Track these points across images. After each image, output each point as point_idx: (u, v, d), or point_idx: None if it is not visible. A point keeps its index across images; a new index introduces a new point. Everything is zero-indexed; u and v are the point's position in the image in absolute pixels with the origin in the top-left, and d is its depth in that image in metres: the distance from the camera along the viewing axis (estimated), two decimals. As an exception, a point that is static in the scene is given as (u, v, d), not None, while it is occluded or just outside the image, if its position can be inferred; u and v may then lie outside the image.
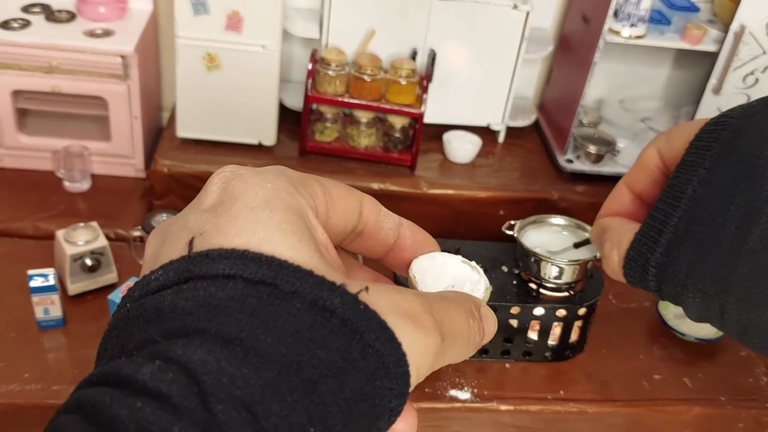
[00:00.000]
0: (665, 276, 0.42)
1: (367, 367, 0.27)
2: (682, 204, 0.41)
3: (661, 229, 0.42)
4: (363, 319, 0.27)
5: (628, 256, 0.44)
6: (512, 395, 1.27)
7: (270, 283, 0.27)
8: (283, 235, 0.28)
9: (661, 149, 0.46)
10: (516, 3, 1.67)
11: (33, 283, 1.22)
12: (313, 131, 1.74)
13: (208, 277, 0.27)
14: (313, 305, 0.27)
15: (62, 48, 1.57)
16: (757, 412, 1.31)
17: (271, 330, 0.26)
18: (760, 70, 1.65)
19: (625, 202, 0.50)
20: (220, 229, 0.28)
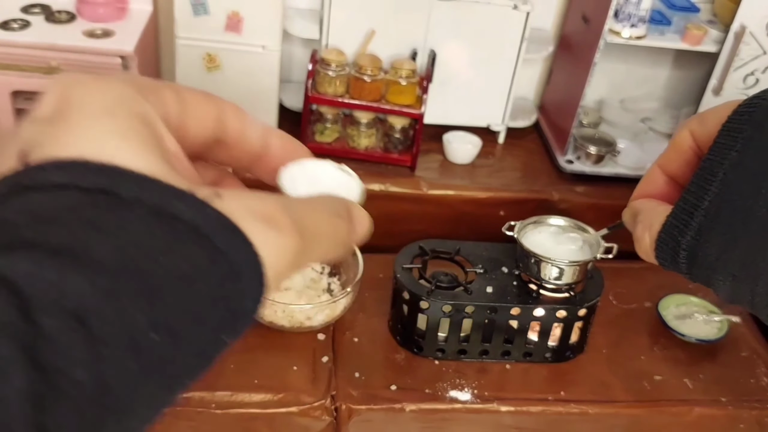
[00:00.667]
0: (696, 259, 0.42)
1: (218, 272, 0.26)
2: (713, 187, 0.41)
3: (692, 211, 0.42)
4: (212, 223, 0.26)
5: (660, 239, 0.45)
6: (513, 396, 1.27)
7: (109, 191, 0.25)
8: (126, 142, 0.27)
9: (694, 130, 0.47)
10: (516, 3, 1.67)
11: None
12: (313, 132, 1.74)
13: (40, 188, 0.25)
14: (157, 212, 0.26)
15: (62, 48, 1.57)
16: (758, 413, 1.31)
17: (108, 238, 0.24)
18: (760, 70, 1.65)
19: (658, 184, 0.51)
20: (57, 139, 0.26)
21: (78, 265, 0.24)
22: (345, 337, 1.33)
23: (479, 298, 1.25)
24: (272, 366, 1.25)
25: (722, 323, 1.43)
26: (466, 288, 1.27)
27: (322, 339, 1.32)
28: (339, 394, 1.23)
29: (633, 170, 1.77)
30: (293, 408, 1.21)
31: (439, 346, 1.30)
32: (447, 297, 1.25)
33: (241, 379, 1.22)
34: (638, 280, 1.55)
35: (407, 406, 1.23)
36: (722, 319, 1.43)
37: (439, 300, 1.24)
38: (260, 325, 1.31)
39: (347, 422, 1.22)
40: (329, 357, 1.29)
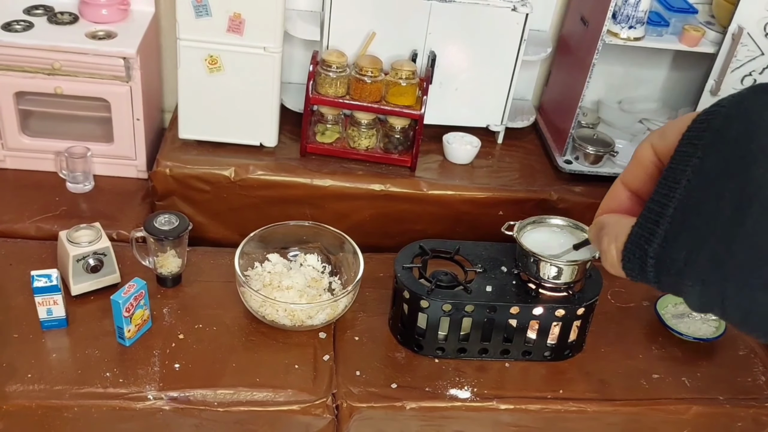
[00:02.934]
0: (664, 266, 0.42)
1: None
2: (677, 194, 0.42)
3: (657, 220, 0.42)
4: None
5: (626, 249, 0.44)
6: (512, 394, 1.28)
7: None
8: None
9: (655, 144, 0.47)
10: (515, 5, 1.68)
11: (36, 284, 1.22)
12: (314, 132, 1.75)
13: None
14: None
15: (65, 50, 1.58)
16: (755, 411, 1.32)
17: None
18: (758, 71, 1.67)
19: (622, 200, 0.51)
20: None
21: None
22: (346, 336, 1.34)
23: (479, 297, 1.27)
24: (274, 364, 1.27)
25: (719, 322, 1.44)
26: (465, 287, 1.28)
27: (323, 338, 1.33)
28: (340, 392, 1.24)
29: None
30: (295, 406, 1.22)
31: (439, 344, 1.31)
32: (447, 296, 1.26)
33: (243, 378, 1.23)
34: (636, 280, 1.55)
35: (407, 404, 1.24)
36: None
37: (439, 299, 1.25)
38: (262, 324, 1.32)
39: (348, 420, 1.23)
40: (330, 355, 1.30)
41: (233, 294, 1.36)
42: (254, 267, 1.40)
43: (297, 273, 1.38)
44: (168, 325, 1.31)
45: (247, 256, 1.38)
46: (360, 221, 1.71)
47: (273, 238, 1.43)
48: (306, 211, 1.69)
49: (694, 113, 0.43)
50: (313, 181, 1.67)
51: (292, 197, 1.68)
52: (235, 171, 1.66)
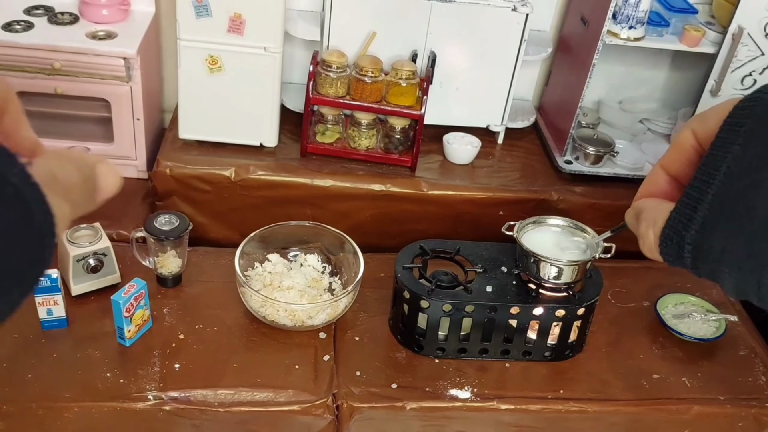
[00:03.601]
0: (701, 252, 0.42)
1: (32, 234, 0.31)
2: (716, 181, 0.41)
3: (695, 206, 0.42)
4: (32, 193, 0.31)
5: (664, 234, 0.45)
6: (512, 394, 1.28)
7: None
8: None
9: (696, 129, 0.47)
10: (515, 5, 1.68)
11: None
12: (314, 132, 1.75)
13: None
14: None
15: (65, 50, 1.58)
16: (756, 411, 1.32)
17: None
18: (758, 71, 1.67)
19: (661, 184, 0.51)
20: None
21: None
22: (346, 336, 1.34)
23: (479, 297, 1.27)
24: (274, 365, 1.27)
25: (720, 322, 1.44)
26: (466, 287, 1.28)
27: (323, 338, 1.33)
28: (340, 392, 1.24)
29: (631, 170, 1.78)
30: (295, 406, 1.22)
31: (439, 344, 1.31)
32: (447, 296, 1.26)
33: (243, 378, 1.23)
34: (637, 280, 1.56)
35: (408, 404, 1.24)
36: (720, 318, 1.44)
37: (439, 299, 1.25)
38: (262, 324, 1.32)
39: (349, 420, 1.23)
40: (331, 356, 1.30)
41: (234, 294, 1.36)
42: (254, 267, 1.40)
43: (297, 273, 1.38)
44: (168, 325, 1.31)
45: (247, 256, 1.38)
46: (360, 221, 1.71)
47: (273, 239, 1.43)
48: (306, 211, 1.69)
49: (734, 99, 0.43)
50: (313, 181, 1.67)
51: (293, 197, 1.68)
52: (235, 171, 1.66)
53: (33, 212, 0.31)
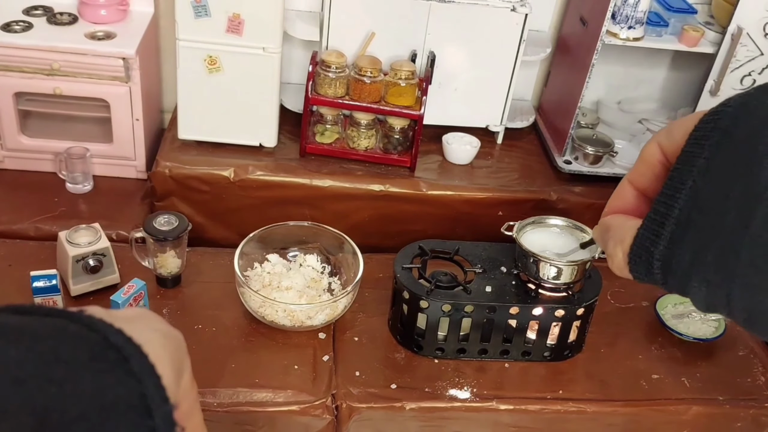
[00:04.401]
0: (670, 267, 0.42)
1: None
2: (683, 195, 0.41)
3: (663, 221, 0.42)
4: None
5: (633, 251, 0.44)
6: (511, 395, 1.28)
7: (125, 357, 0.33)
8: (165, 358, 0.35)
9: (662, 143, 0.47)
10: (514, 5, 1.68)
11: (36, 285, 1.22)
12: (313, 133, 1.75)
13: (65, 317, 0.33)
14: (141, 398, 0.32)
15: (64, 50, 1.58)
16: (755, 412, 1.32)
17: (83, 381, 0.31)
18: (757, 71, 1.67)
19: (628, 199, 0.50)
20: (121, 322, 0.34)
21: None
22: (345, 337, 1.34)
23: (478, 297, 1.27)
24: (273, 365, 1.27)
25: (719, 322, 1.44)
26: (465, 287, 1.28)
27: (322, 338, 1.33)
28: (339, 392, 1.24)
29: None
30: (294, 407, 1.22)
31: (438, 345, 1.31)
32: (446, 296, 1.26)
33: (242, 378, 1.23)
34: (636, 280, 1.55)
35: (407, 404, 1.24)
36: (719, 318, 1.44)
37: (438, 299, 1.25)
38: (261, 325, 1.32)
39: (348, 421, 1.23)
40: (330, 356, 1.30)
41: (233, 294, 1.36)
42: (254, 267, 1.40)
43: (296, 273, 1.38)
44: (167, 325, 1.31)
45: (246, 256, 1.38)
46: (359, 221, 1.71)
47: (272, 239, 1.43)
48: (305, 211, 1.69)
49: (700, 112, 0.43)
50: (312, 181, 1.67)
51: (292, 198, 1.68)
52: (234, 171, 1.66)
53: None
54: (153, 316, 0.39)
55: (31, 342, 0.32)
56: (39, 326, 0.33)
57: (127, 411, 0.31)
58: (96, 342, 0.33)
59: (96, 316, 0.34)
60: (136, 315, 0.37)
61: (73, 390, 0.30)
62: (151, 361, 0.33)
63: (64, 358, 0.31)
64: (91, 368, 0.31)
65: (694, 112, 0.45)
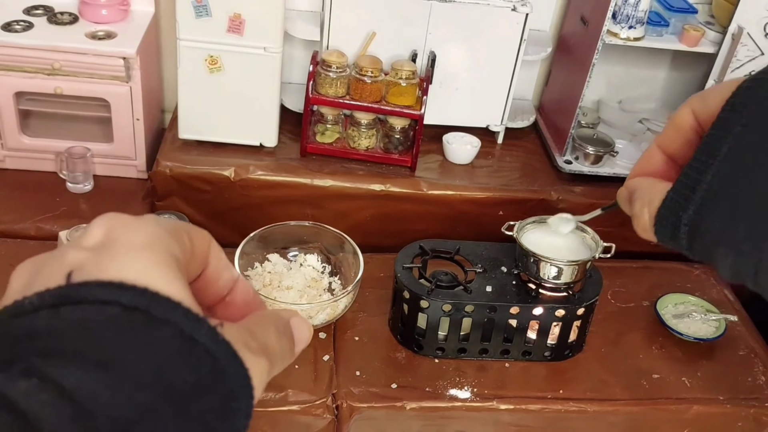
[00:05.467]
0: (697, 233, 0.42)
1: (224, 391, 0.31)
2: (716, 161, 0.41)
3: (694, 186, 0.42)
4: (221, 349, 0.31)
5: (660, 214, 0.44)
6: (512, 394, 1.28)
7: (144, 310, 0.29)
8: (160, 270, 0.31)
9: (696, 109, 0.46)
10: (515, 5, 1.68)
11: (36, 284, 1.22)
12: (314, 132, 1.75)
13: (86, 301, 0.29)
14: (182, 333, 0.30)
15: (64, 50, 1.58)
16: (756, 411, 1.32)
17: (145, 354, 0.29)
18: (757, 71, 1.66)
19: (657, 163, 0.50)
20: (100, 265, 0.31)
21: (122, 378, 0.28)
22: (346, 336, 1.34)
23: (479, 297, 1.27)
24: (274, 365, 1.26)
25: (720, 322, 1.44)
26: (465, 287, 1.28)
27: (323, 338, 1.33)
28: (340, 392, 1.24)
29: (631, 170, 1.78)
30: (295, 406, 1.22)
31: (439, 344, 1.31)
32: (447, 296, 1.26)
33: (243, 378, 1.23)
34: (637, 280, 1.56)
35: (408, 404, 1.24)
36: (720, 318, 1.44)
37: (439, 299, 1.25)
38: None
39: (348, 420, 1.23)
40: (330, 356, 1.30)
41: (233, 294, 1.35)
42: (254, 267, 1.40)
43: (297, 273, 1.38)
44: (168, 325, 1.31)
45: (247, 256, 1.38)
46: (360, 221, 1.71)
47: (273, 238, 1.43)
48: (306, 211, 1.69)
49: (737, 80, 0.43)
50: (313, 181, 1.67)
51: (293, 197, 1.68)
52: (235, 171, 1.66)
53: (224, 367, 0.31)
54: (123, 231, 0.33)
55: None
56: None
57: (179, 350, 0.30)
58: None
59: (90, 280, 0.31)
60: (116, 249, 0.32)
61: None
62: (160, 293, 0.31)
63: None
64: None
65: (728, 80, 0.44)
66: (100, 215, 0.33)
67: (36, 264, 0.32)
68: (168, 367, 0.29)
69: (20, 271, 0.32)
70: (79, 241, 0.32)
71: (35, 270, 0.32)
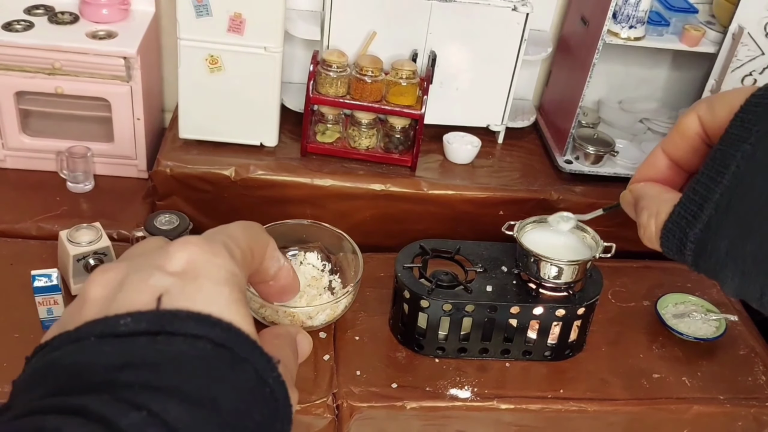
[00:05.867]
0: (704, 252, 0.41)
1: (275, 429, 0.34)
2: (724, 179, 0.40)
3: (702, 203, 0.41)
4: (281, 391, 0.34)
5: (666, 227, 0.44)
6: (512, 394, 1.28)
7: (229, 348, 0.32)
8: (238, 308, 0.34)
9: (703, 117, 0.45)
10: (515, 5, 1.68)
11: (36, 284, 1.22)
12: (314, 132, 1.75)
13: (180, 334, 0.32)
14: (256, 373, 0.33)
15: (65, 50, 1.58)
16: (756, 411, 1.32)
17: (231, 393, 0.32)
18: (758, 71, 1.67)
19: (661, 168, 0.49)
20: (187, 294, 0.33)
21: (211, 415, 0.31)
22: (346, 336, 1.34)
23: (479, 297, 1.27)
24: (274, 364, 1.26)
25: (720, 322, 1.44)
26: (466, 287, 1.28)
27: (323, 337, 1.33)
28: (340, 392, 1.24)
29: (631, 170, 1.78)
30: (295, 406, 1.21)
31: (439, 344, 1.31)
32: (447, 296, 1.26)
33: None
34: (637, 279, 1.56)
35: (408, 403, 1.24)
36: (720, 317, 1.44)
37: (439, 299, 1.25)
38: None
39: (349, 420, 1.23)
40: (330, 355, 1.30)
41: (234, 294, 1.35)
42: None
43: (296, 272, 1.37)
44: (168, 324, 1.31)
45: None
46: (361, 221, 1.71)
47: (273, 237, 1.42)
48: (307, 210, 1.69)
49: (746, 89, 0.42)
50: (313, 180, 1.67)
51: (293, 197, 1.68)
52: (235, 171, 1.66)
53: (280, 407, 0.34)
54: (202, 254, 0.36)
55: None
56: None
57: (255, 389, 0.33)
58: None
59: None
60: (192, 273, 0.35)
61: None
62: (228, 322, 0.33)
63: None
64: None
65: (735, 89, 0.43)
66: (180, 240, 0.36)
67: (116, 275, 0.34)
68: (245, 406, 0.32)
69: (99, 280, 0.34)
70: (160, 263, 0.34)
71: (117, 282, 0.34)
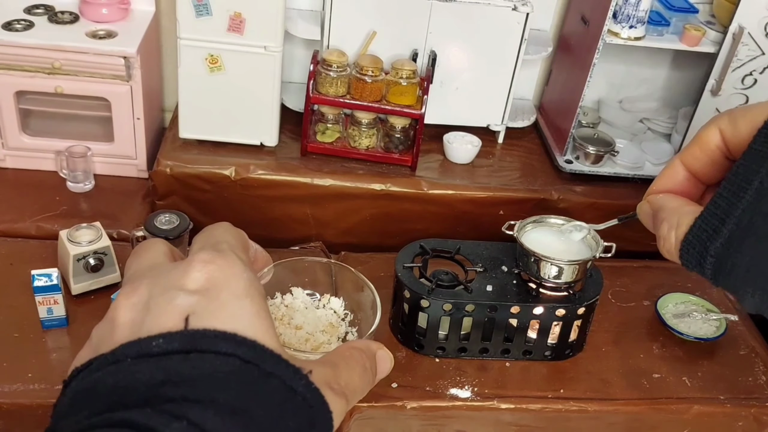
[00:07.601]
0: (724, 267, 0.41)
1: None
2: (747, 196, 0.40)
3: (723, 218, 0.41)
4: (314, 397, 0.36)
5: (686, 240, 0.43)
6: (513, 394, 1.28)
7: (256, 364, 0.35)
8: (260, 321, 0.36)
9: (724, 130, 0.45)
10: (516, 4, 1.68)
11: (36, 283, 1.22)
12: (314, 132, 1.75)
13: (209, 351, 0.34)
14: (284, 384, 0.35)
15: (65, 49, 1.58)
16: (756, 411, 1.32)
17: (262, 404, 0.34)
18: (758, 70, 1.66)
19: (679, 180, 0.49)
20: (212, 312, 0.35)
21: (247, 424, 0.33)
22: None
23: (479, 296, 1.27)
24: (274, 364, 1.26)
25: (720, 322, 1.44)
26: (466, 287, 1.28)
27: (323, 337, 1.32)
28: (340, 391, 1.24)
29: (631, 170, 1.78)
30: (295, 405, 1.21)
31: (439, 344, 1.31)
32: (447, 296, 1.26)
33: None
34: (637, 279, 1.56)
35: (408, 403, 1.24)
36: (720, 317, 1.44)
37: (439, 299, 1.25)
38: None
39: (349, 420, 1.23)
40: (331, 355, 1.29)
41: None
42: (275, 296, 1.23)
43: (311, 313, 1.22)
44: (168, 324, 1.31)
45: (271, 283, 1.19)
46: (361, 220, 1.71)
47: (301, 270, 1.24)
48: (307, 210, 1.69)
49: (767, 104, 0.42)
50: (313, 180, 1.67)
51: (293, 197, 1.68)
52: (235, 170, 1.66)
53: (315, 413, 0.36)
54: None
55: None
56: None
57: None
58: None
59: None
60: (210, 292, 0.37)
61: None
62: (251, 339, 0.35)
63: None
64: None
65: (758, 103, 0.42)
66: (195, 257, 0.38)
67: (140, 298, 0.36)
68: (277, 415, 0.34)
69: (124, 303, 0.36)
70: (181, 283, 0.36)
71: (142, 305, 0.36)
